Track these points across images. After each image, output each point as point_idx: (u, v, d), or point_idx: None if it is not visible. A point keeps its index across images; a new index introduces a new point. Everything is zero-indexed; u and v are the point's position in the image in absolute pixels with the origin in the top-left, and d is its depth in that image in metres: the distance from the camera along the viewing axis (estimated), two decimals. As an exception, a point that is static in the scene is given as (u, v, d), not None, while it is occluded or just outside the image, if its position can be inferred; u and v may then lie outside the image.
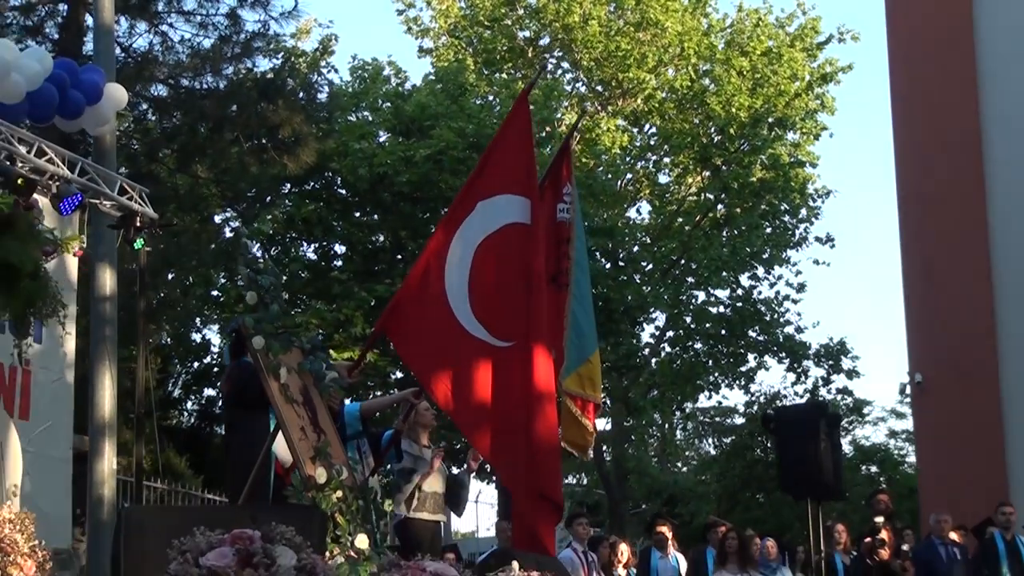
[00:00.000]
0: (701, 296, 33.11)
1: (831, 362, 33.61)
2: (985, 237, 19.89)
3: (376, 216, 25.83)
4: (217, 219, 24.75)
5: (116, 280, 12.91)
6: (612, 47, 32.03)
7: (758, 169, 31.79)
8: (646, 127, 34.56)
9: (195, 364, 27.52)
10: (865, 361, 63.73)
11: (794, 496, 13.35)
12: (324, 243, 27.07)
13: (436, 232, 9.05)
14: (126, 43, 19.41)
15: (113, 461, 12.74)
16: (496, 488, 26.19)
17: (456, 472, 10.58)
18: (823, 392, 34.85)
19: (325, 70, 26.72)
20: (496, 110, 26.67)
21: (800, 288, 33.67)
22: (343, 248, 26.83)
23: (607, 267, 29.20)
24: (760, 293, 33.04)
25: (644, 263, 32.23)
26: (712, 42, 33.16)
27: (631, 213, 34.81)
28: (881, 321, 74.25)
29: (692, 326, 32.97)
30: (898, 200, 21.09)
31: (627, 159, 33.94)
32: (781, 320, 33.02)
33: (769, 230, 32.87)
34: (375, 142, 25.31)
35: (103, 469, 12.59)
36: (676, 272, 32.40)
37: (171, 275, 22.65)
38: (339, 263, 26.68)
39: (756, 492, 36.45)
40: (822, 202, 34.04)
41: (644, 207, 35.31)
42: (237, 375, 8.22)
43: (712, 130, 32.23)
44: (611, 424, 34.98)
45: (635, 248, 32.85)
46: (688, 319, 32.95)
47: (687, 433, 45.57)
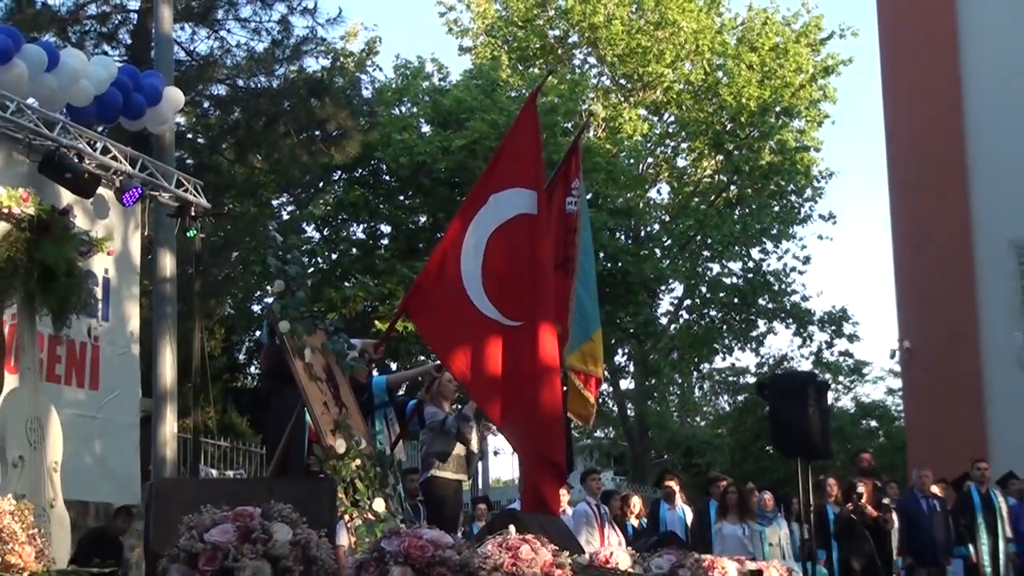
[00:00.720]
0: (715, 268, 33.60)
1: (834, 327, 33.94)
2: (967, 217, 19.76)
3: (417, 200, 25.95)
4: (275, 203, 24.86)
5: (175, 263, 12.94)
6: (634, 44, 32.23)
7: (766, 153, 31.95)
8: (665, 116, 34.72)
9: (256, 332, 27.64)
10: (864, 326, 63.66)
11: (785, 455, 13.25)
12: (371, 224, 27.24)
13: (453, 222, 9.00)
14: (189, 47, 19.50)
15: (174, 424, 12.82)
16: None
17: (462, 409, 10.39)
18: (826, 354, 35.15)
19: (371, 69, 26.76)
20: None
21: (805, 261, 34.16)
22: (388, 228, 27.05)
23: (629, 244, 29.18)
24: (769, 265, 33.41)
25: (664, 239, 32.48)
26: (724, 39, 33.24)
27: (652, 194, 35.16)
28: (879, 289, 73.96)
29: (707, 295, 33.37)
30: (889, 182, 20.91)
31: (648, 145, 34.06)
32: (788, 290, 33.41)
33: (777, 208, 33.08)
34: (416, 133, 25.34)
35: (165, 432, 12.68)
36: (693, 247, 32.67)
37: (235, 254, 22.77)
38: (384, 242, 26.85)
39: (766, 445, 36.44)
40: (825, 183, 34.33)
41: (664, 188, 35.59)
42: (272, 353, 8.23)
43: (725, 118, 32.32)
44: (633, 383, 35.12)
45: (655, 226, 33.09)
46: (704, 289, 33.36)
47: (704, 391, 45.51)
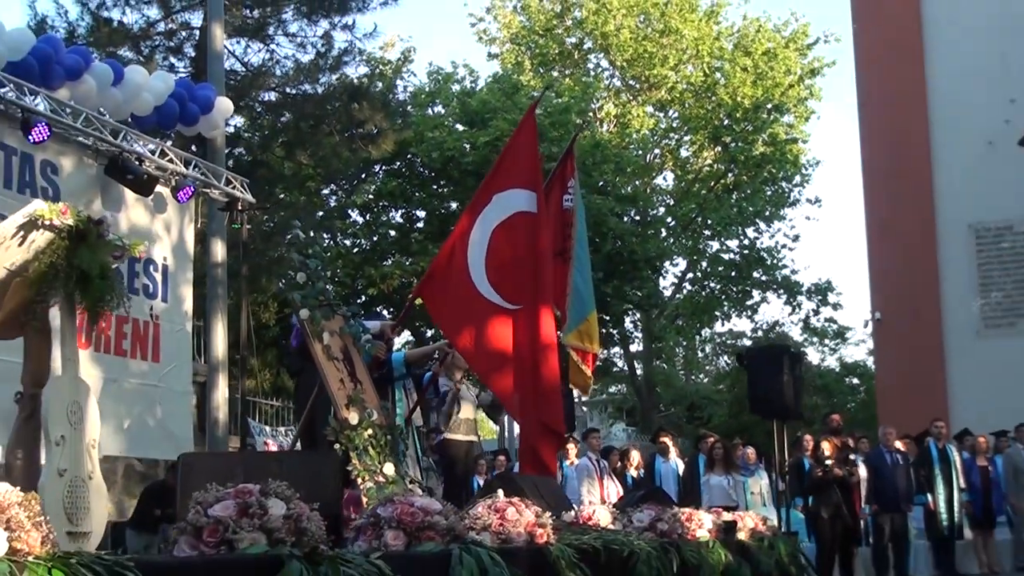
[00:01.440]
0: (715, 246, 33.60)
1: (819, 297, 33.93)
2: (931, 203, 19.66)
3: (447, 189, 26.01)
4: (324, 192, 24.91)
5: (225, 250, 12.99)
6: (641, 50, 32.24)
7: (759, 145, 31.90)
8: (669, 113, 34.68)
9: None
10: (846, 295, 63.52)
11: (762, 417, 13.19)
12: (407, 210, 27.33)
13: (461, 218, 8.96)
14: (244, 59, 19.57)
15: (225, 390, 12.90)
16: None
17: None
18: (813, 321, 35.14)
19: (406, 75, 26.77)
20: (540, 108, 26.55)
21: (794, 239, 34.34)
22: (422, 214, 27.12)
23: (637, 227, 29.13)
24: (762, 243, 33.29)
25: (669, 220, 32.45)
26: (722, 44, 33.19)
27: (658, 181, 35.09)
28: (859, 263, 73.39)
29: (708, 269, 33.49)
30: (863, 172, 20.75)
31: (654, 138, 33.97)
32: (779, 264, 33.38)
33: (769, 193, 33.12)
34: (446, 131, 25.35)
35: (218, 396, 12.76)
36: (694, 227, 32.69)
37: (287, 237, 22.82)
38: (419, 225, 26.93)
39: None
40: (812, 170, 34.42)
41: (669, 176, 35.46)
42: (300, 334, 8.24)
43: (722, 114, 32.26)
44: (641, 346, 35.17)
45: (661, 209, 33.10)
46: (704, 264, 33.52)
47: (705, 353, 45.46)
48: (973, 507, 14.65)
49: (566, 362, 9.65)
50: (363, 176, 25.20)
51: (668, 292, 33.05)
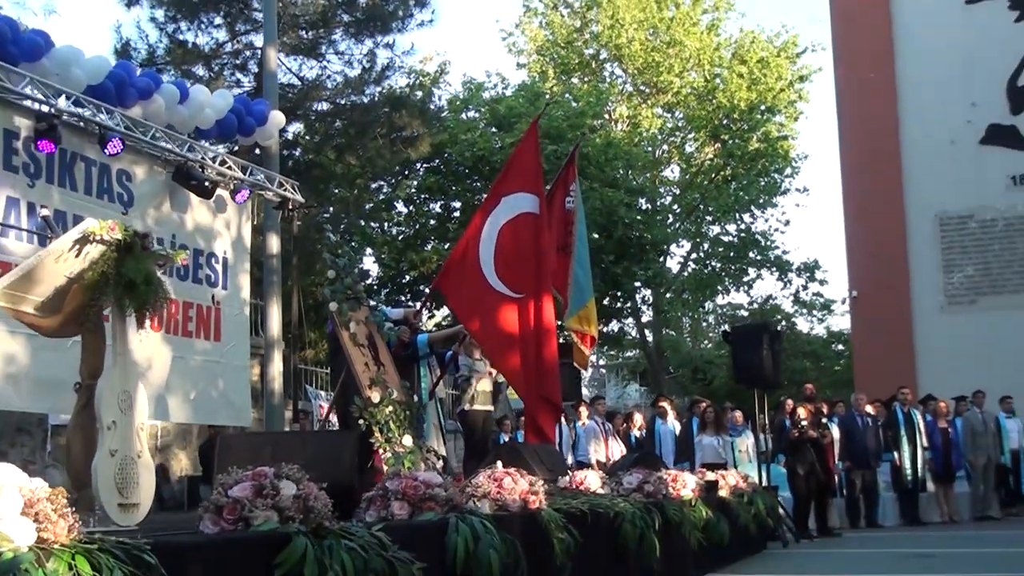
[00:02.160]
0: (716, 230, 33.16)
1: (808, 274, 33.40)
2: (901, 194, 19.35)
3: (479, 184, 25.87)
4: (372, 187, 24.93)
5: (279, 243, 13.03)
6: (650, 59, 32.04)
7: (754, 142, 31.55)
8: (675, 114, 34.28)
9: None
10: (832, 272, 62.91)
11: (745, 386, 13.09)
12: (444, 202, 27.24)
13: (473, 218, 8.96)
14: (300, 74, 19.61)
15: (279, 364, 12.95)
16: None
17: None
18: (803, 295, 34.85)
19: (442, 85, 26.73)
20: (562, 110, 26.40)
21: (786, 223, 34.99)
22: (458, 205, 27.02)
23: (645, 215, 29.04)
24: (757, 227, 32.84)
25: (675, 207, 32.27)
26: (721, 54, 32.82)
27: (666, 173, 34.80)
28: (842, 245, 72.32)
29: (709, 250, 33.12)
30: (841, 166, 20.52)
31: (661, 136, 33.71)
32: (772, 246, 32.86)
33: (763, 183, 32.65)
34: (477, 134, 25.27)
35: (273, 369, 12.82)
36: (697, 214, 32.36)
37: (341, 226, 22.93)
38: (456, 215, 26.87)
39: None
40: (800, 163, 33.98)
41: (675, 169, 35.15)
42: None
43: (721, 115, 31.87)
44: (652, 316, 35.13)
45: (668, 198, 32.97)
46: (706, 246, 33.05)
47: (708, 323, 45.28)
48: (935, 463, 14.57)
49: (568, 342, 9.65)
50: (406, 173, 25.19)
51: (675, 270, 33.00)
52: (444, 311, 24.37)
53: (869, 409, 14.71)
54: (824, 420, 13.11)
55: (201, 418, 11.36)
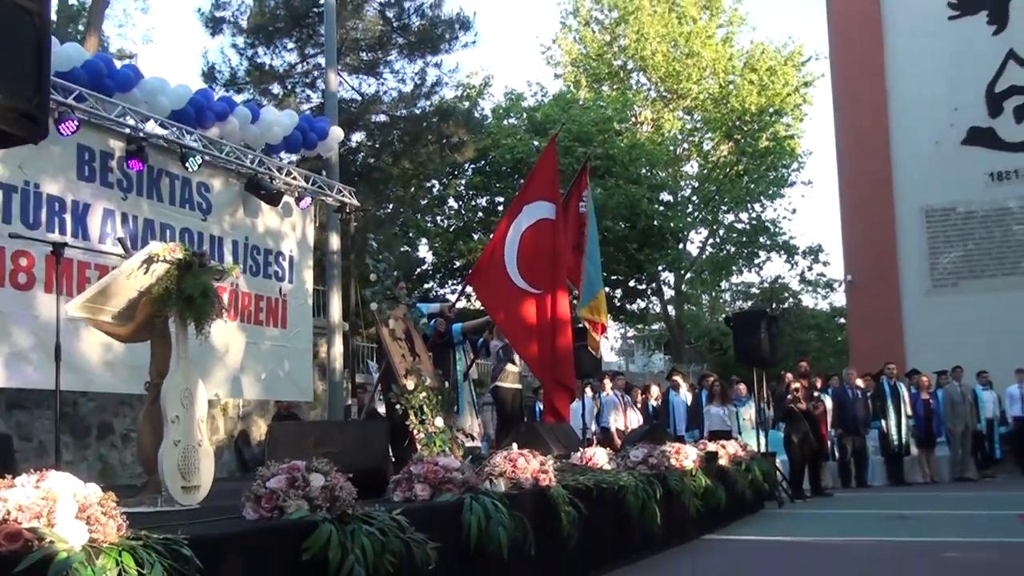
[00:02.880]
0: (730, 218, 32.98)
1: (812, 256, 33.19)
2: (891, 189, 19.02)
3: (519, 181, 25.81)
4: (427, 186, 25.01)
5: (339, 241, 13.08)
6: (671, 69, 31.94)
7: (764, 140, 31.35)
8: (694, 116, 33.94)
9: (416, 271, 28.11)
10: (833, 255, 62.08)
11: (745, 364, 12.94)
12: (489, 198, 27.22)
13: (500, 223, 8.94)
14: (360, 90, 19.65)
15: (340, 345, 13.02)
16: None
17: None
18: (808, 275, 34.48)
19: (486, 96, 26.71)
20: (591, 116, 26.22)
21: (792, 212, 35.50)
22: (500, 199, 27.00)
23: (665, 207, 28.84)
24: (766, 216, 32.66)
25: (694, 199, 32.07)
26: (734, 64, 32.54)
27: (685, 169, 34.53)
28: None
29: (724, 236, 32.93)
30: (837, 164, 20.16)
31: (682, 136, 33.41)
32: (780, 232, 32.67)
33: (772, 177, 32.39)
34: (517, 138, 25.20)
35: (335, 352, 12.90)
36: (713, 204, 32.08)
37: (399, 220, 23.01)
38: (500, 209, 26.84)
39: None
40: (805, 159, 33.98)
41: (694, 164, 34.88)
42: None
43: (734, 117, 31.58)
44: (673, 294, 34.94)
45: (688, 190, 32.76)
46: (722, 232, 32.77)
47: (724, 299, 44.96)
48: (917, 430, 14.39)
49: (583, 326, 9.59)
50: (455, 173, 25.22)
51: (695, 253, 32.75)
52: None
53: (859, 382, 14.55)
54: (816, 393, 12.96)
55: (270, 395, 11.48)
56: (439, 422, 7.03)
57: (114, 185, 9.11)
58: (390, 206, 20.10)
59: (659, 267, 28.14)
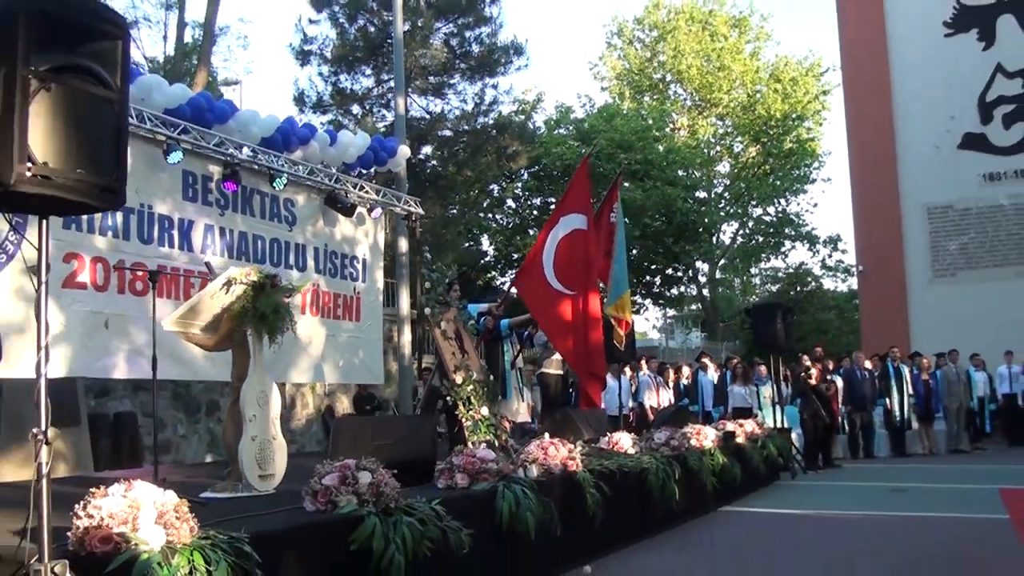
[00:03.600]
0: (758, 212, 32.42)
1: (832, 245, 32.46)
2: (897, 188, 18.50)
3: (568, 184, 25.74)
4: (489, 189, 24.99)
5: (407, 244, 13.13)
6: (705, 81, 31.48)
7: (788, 143, 30.86)
8: (725, 122, 33.39)
9: (479, 263, 28.17)
10: (851, 244, 60.35)
11: (763, 350, 12.70)
12: (543, 198, 27.12)
13: (540, 234, 8.86)
14: (428, 108, 19.67)
15: (408, 334, 13.08)
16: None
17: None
18: (828, 261, 33.76)
19: (538, 110, 26.57)
20: (632, 125, 25.91)
21: (814, 205, 36.55)
22: (552, 200, 26.84)
23: (699, 204, 28.42)
24: (791, 209, 32.10)
25: (725, 195, 31.65)
26: (761, 75, 31.90)
27: (718, 168, 33.99)
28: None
29: (753, 227, 32.36)
30: (849, 164, 19.64)
31: (714, 140, 32.91)
32: (803, 223, 32.05)
33: (795, 175, 31.72)
34: (566, 147, 25.02)
35: (403, 342, 12.98)
36: (743, 200, 31.63)
37: (464, 219, 23.04)
38: (551, 208, 26.70)
39: (796, 314, 35.26)
40: (825, 159, 33.25)
41: (725, 165, 34.35)
42: None
43: (761, 123, 31.06)
44: (706, 279, 34.51)
45: (720, 187, 32.34)
46: (751, 224, 32.27)
47: (754, 283, 44.23)
48: (918, 407, 13.99)
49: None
50: (512, 178, 25.15)
51: (727, 243, 32.34)
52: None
53: (867, 364, 14.18)
54: (829, 377, 12.69)
55: (347, 379, 11.61)
56: (484, 411, 7.07)
57: (213, 204, 9.27)
58: (455, 208, 20.14)
59: (693, 257, 27.78)
